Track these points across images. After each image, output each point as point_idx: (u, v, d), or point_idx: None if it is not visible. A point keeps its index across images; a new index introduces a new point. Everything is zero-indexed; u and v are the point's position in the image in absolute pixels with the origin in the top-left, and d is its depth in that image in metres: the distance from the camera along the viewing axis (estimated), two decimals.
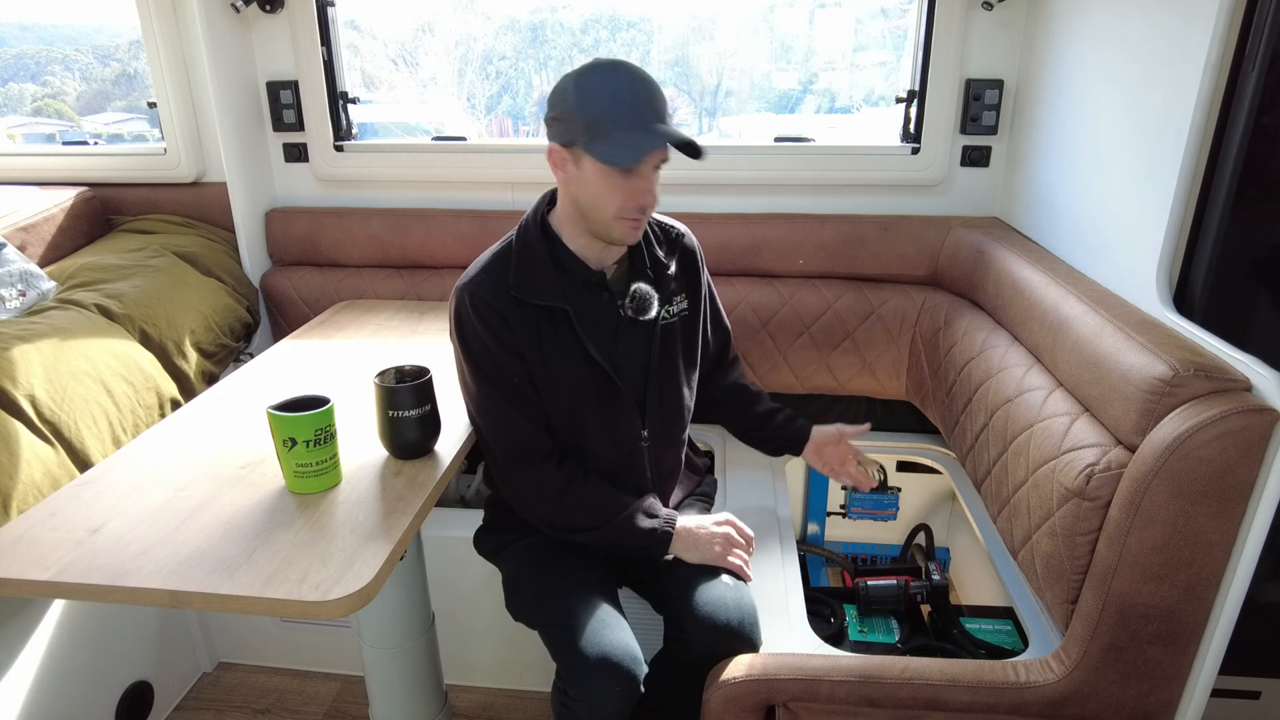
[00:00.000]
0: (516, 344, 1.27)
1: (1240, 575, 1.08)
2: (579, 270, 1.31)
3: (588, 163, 1.20)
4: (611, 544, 1.33)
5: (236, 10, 2.04)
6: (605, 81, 1.19)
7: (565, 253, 1.31)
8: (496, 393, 1.29)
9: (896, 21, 2.19)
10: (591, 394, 1.33)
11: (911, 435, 2.12)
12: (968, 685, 1.23)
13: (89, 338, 1.64)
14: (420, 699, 1.51)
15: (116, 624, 1.72)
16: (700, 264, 1.47)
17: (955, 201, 2.08)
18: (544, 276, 1.28)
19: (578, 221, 1.29)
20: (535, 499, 1.33)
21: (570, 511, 1.32)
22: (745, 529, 1.41)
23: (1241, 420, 1.01)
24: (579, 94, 1.18)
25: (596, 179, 1.21)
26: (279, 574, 1.01)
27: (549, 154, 1.24)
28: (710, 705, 1.28)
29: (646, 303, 1.34)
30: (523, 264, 1.28)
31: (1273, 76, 1.15)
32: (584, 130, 1.18)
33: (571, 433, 1.35)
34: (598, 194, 1.22)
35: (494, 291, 1.27)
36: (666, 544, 1.34)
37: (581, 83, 1.19)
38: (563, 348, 1.30)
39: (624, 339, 1.35)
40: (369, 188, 2.27)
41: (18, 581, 1.02)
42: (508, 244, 1.32)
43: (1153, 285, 1.30)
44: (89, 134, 2.57)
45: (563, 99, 1.20)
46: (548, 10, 2.44)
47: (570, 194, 1.27)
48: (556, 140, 1.22)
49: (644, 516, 1.33)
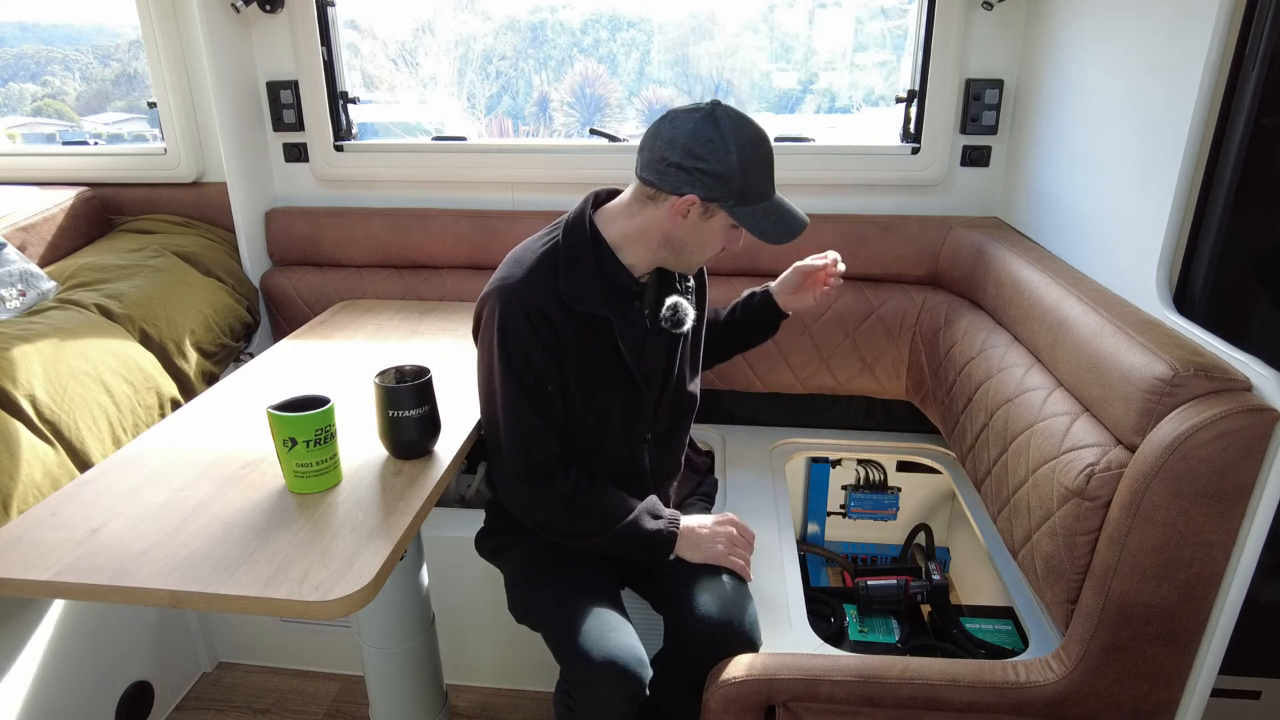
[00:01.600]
0: (560, 350, 1.25)
1: (1240, 575, 1.08)
2: (622, 279, 1.30)
3: (720, 218, 1.22)
4: (617, 549, 1.33)
5: (236, 10, 2.04)
6: (760, 146, 1.19)
7: (613, 261, 1.28)
8: (525, 401, 1.26)
9: (896, 21, 2.19)
10: (619, 402, 1.33)
11: (911, 435, 2.12)
12: (968, 685, 1.23)
13: (89, 338, 1.64)
14: (420, 699, 1.51)
15: (116, 624, 1.72)
16: (704, 273, 1.49)
17: (955, 201, 2.08)
18: (590, 283, 1.25)
19: (651, 247, 1.27)
20: (542, 510, 1.32)
21: (576, 520, 1.31)
22: (747, 528, 1.41)
23: (1241, 420, 1.01)
24: (741, 157, 1.16)
25: (719, 233, 1.24)
26: (279, 574, 1.01)
27: (681, 201, 1.19)
28: (710, 705, 1.28)
29: (683, 315, 1.34)
30: (571, 270, 1.25)
31: (1273, 76, 1.15)
32: (737, 194, 1.19)
33: (588, 435, 1.35)
34: (707, 243, 1.26)
35: (542, 295, 1.23)
36: (672, 545, 1.34)
37: (742, 143, 1.17)
38: (601, 355, 1.29)
39: (651, 348, 1.35)
40: (369, 188, 2.27)
41: (18, 581, 1.02)
42: (554, 245, 1.28)
43: (1153, 285, 1.30)
44: (89, 134, 2.57)
45: (720, 155, 1.16)
46: (548, 10, 2.44)
47: (668, 230, 1.24)
48: (698, 193, 1.18)
49: (649, 518, 1.33)
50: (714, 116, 1.17)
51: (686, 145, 1.17)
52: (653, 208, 1.24)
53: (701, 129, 1.16)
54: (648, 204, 1.24)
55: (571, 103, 2.49)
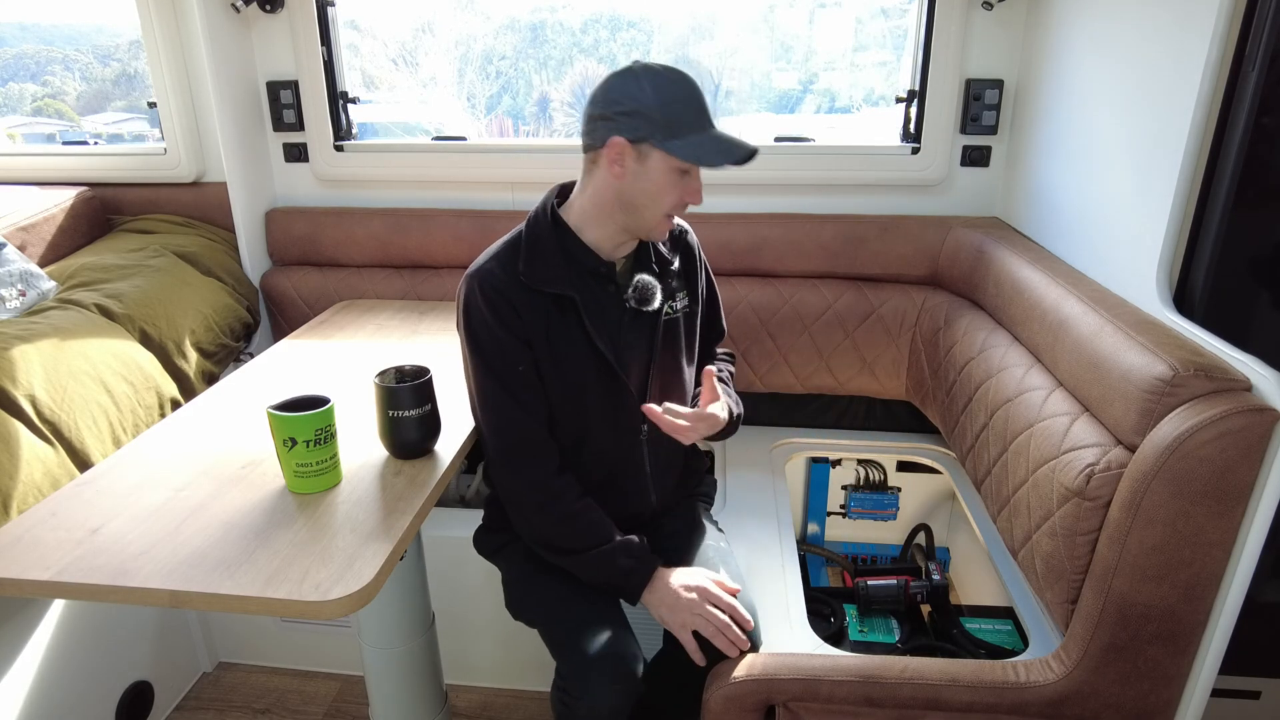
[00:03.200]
0: (525, 331, 1.27)
1: (1240, 575, 1.08)
2: (588, 260, 1.31)
3: (656, 159, 1.21)
4: (586, 574, 1.30)
5: (236, 10, 2.04)
6: (678, 84, 1.21)
7: (575, 243, 1.31)
8: (499, 385, 1.28)
9: (896, 21, 2.19)
10: (595, 384, 1.33)
11: (911, 435, 2.12)
12: (968, 685, 1.23)
13: (89, 338, 1.64)
14: (420, 699, 1.51)
15: (116, 624, 1.72)
16: (699, 261, 1.48)
17: (955, 201, 2.08)
18: (553, 265, 1.28)
19: (608, 214, 1.29)
20: (524, 500, 1.31)
21: (555, 525, 1.29)
22: (727, 582, 1.31)
23: (1241, 420, 1.01)
24: (656, 92, 1.19)
25: (660, 176, 1.23)
26: (279, 574, 1.01)
27: (610, 147, 1.21)
28: (710, 705, 1.28)
29: (650, 293, 1.34)
30: (532, 253, 1.28)
31: (1273, 76, 1.15)
32: (661, 128, 1.19)
33: (573, 425, 1.35)
34: (657, 191, 1.24)
35: (503, 278, 1.27)
36: (639, 593, 1.28)
37: (657, 81, 1.20)
38: (569, 337, 1.30)
39: (628, 331, 1.35)
40: (369, 188, 2.27)
41: (18, 581, 1.02)
42: (517, 234, 1.32)
43: (1153, 285, 1.30)
44: (89, 134, 2.57)
45: (635, 95, 1.19)
46: (548, 10, 2.44)
47: (616, 189, 1.25)
48: (624, 135, 1.20)
49: (623, 556, 1.29)
50: (629, 68, 1.22)
51: (604, 96, 1.22)
52: (596, 172, 1.27)
53: (615, 80, 1.22)
54: (592, 170, 1.28)
55: (571, 103, 2.49)
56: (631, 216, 1.28)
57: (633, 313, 1.34)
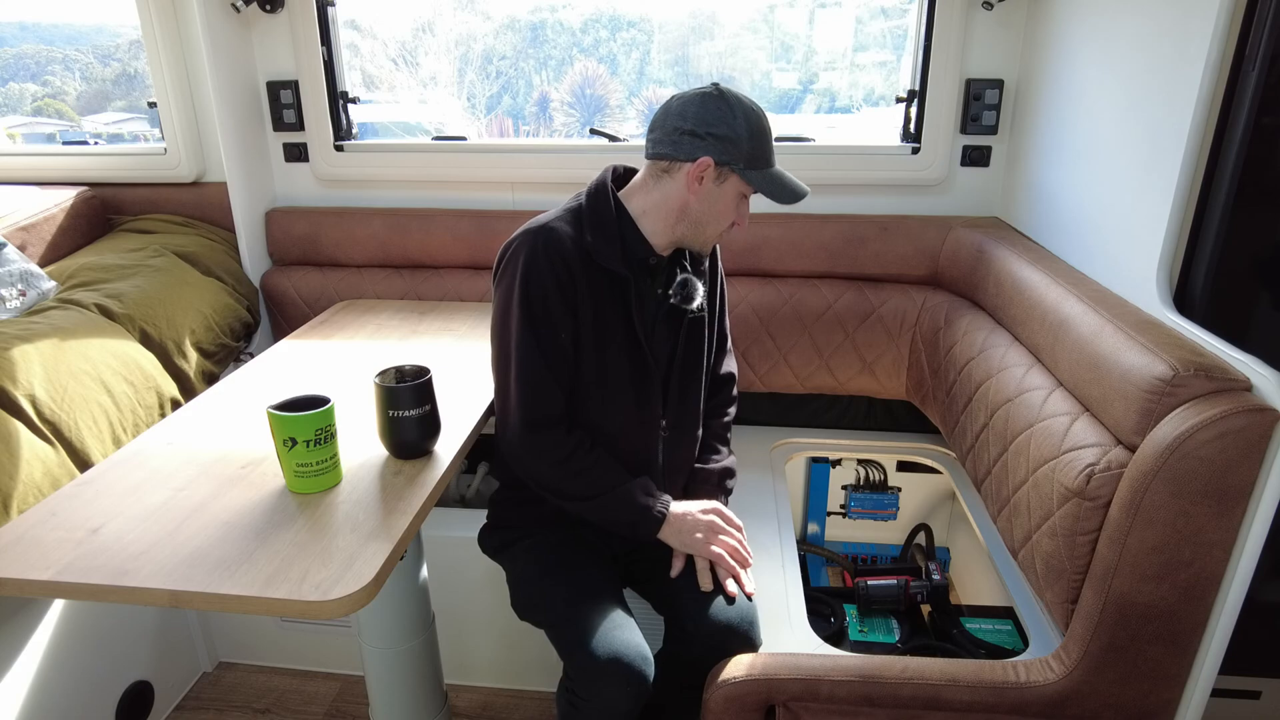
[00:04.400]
0: (576, 299, 1.29)
1: (1240, 575, 1.08)
2: (641, 250, 1.34)
3: (731, 184, 1.28)
4: (604, 516, 1.33)
5: (236, 10, 2.04)
6: (762, 119, 1.28)
7: (632, 228, 1.33)
8: (537, 346, 1.29)
9: (896, 21, 2.19)
10: (626, 369, 1.34)
11: (911, 435, 2.12)
12: (968, 685, 1.23)
13: (89, 338, 1.64)
14: (420, 699, 1.51)
15: (116, 624, 1.72)
16: (719, 265, 1.51)
17: (955, 201, 2.08)
18: (612, 243, 1.30)
19: (670, 223, 1.32)
20: (540, 460, 1.33)
21: (571, 478, 1.32)
22: (732, 516, 1.40)
23: (1242, 420, 1.01)
24: (748, 123, 1.25)
25: (730, 200, 1.30)
26: (279, 574, 1.01)
27: (698, 164, 1.25)
28: (710, 705, 1.28)
29: (693, 291, 1.38)
30: (595, 227, 1.30)
31: (1273, 76, 1.15)
32: (746, 157, 1.26)
33: (597, 408, 1.35)
34: (722, 212, 1.31)
35: (567, 245, 1.28)
36: (659, 525, 1.34)
37: (747, 113, 1.25)
38: (614, 317, 1.32)
39: (660, 325, 1.38)
40: (369, 188, 2.27)
41: (18, 581, 1.01)
42: (577, 205, 1.34)
43: (1153, 285, 1.30)
44: (89, 134, 2.57)
45: (729, 122, 1.24)
46: (548, 10, 2.44)
47: (686, 201, 1.30)
48: (714, 156, 1.25)
49: (641, 493, 1.34)
50: (718, 91, 1.27)
51: (698, 115, 1.26)
52: (668, 180, 1.30)
53: (709, 101, 1.26)
54: (663, 178, 1.31)
55: (571, 103, 2.49)
56: (692, 229, 1.33)
57: (667, 308, 1.37)
